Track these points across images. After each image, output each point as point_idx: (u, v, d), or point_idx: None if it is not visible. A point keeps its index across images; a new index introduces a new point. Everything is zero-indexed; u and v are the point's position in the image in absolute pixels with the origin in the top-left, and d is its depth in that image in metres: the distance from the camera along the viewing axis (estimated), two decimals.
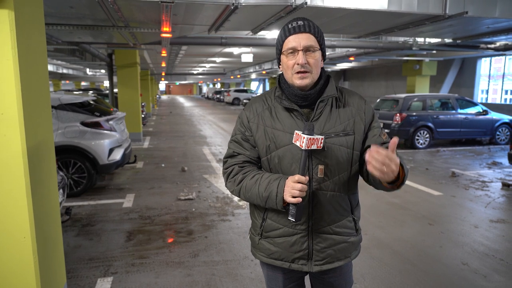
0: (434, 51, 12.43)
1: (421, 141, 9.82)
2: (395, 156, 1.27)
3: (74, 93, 8.43)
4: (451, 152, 9.40)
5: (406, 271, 3.30)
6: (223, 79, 39.46)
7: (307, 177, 1.38)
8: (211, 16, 5.91)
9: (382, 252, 3.66)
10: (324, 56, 1.51)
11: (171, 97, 62.87)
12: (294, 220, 1.38)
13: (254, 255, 1.66)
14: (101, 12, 5.57)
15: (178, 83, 70.03)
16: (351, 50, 12.18)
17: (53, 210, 2.51)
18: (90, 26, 6.61)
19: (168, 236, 4.05)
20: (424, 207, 5.05)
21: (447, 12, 5.40)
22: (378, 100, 11.23)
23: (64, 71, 21.97)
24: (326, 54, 1.59)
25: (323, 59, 1.50)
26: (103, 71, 23.00)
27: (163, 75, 29.91)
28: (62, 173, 4.19)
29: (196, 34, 8.31)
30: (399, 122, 9.64)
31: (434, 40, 10.33)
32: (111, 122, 5.87)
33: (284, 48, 1.45)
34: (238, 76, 32.94)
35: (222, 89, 44.73)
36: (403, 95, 10.22)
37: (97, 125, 5.66)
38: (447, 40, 9.65)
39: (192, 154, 9.06)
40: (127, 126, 7.02)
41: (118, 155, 5.81)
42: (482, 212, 4.86)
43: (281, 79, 1.54)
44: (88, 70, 23.56)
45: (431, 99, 10.18)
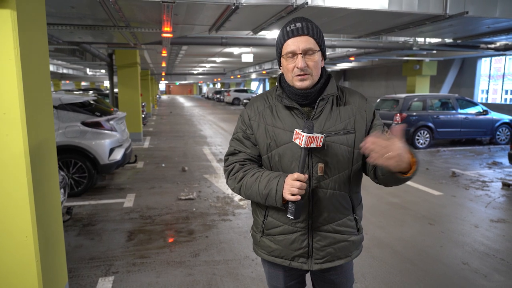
0: (434, 51, 12.43)
1: (421, 141, 9.82)
2: (398, 140, 1.25)
3: (74, 93, 8.44)
4: (451, 152, 9.41)
5: (406, 270, 3.31)
6: (223, 79, 39.46)
7: (306, 175, 1.39)
8: (212, 16, 5.92)
9: (382, 252, 3.67)
10: (324, 56, 1.51)
11: (171, 97, 62.88)
12: (293, 217, 1.40)
13: (256, 252, 1.68)
14: (102, 12, 5.58)
15: (178, 83, 70.05)
16: (352, 50, 12.18)
17: (54, 209, 2.51)
18: (90, 26, 6.62)
19: (169, 236, 4.05)
20: (424, 207, 5.06)
21: (448, 12, 5.41)
22: (378, 100, 11.22)
23: (64, 71, 21.98)
24: (327, 54, 1.59)
25: (323, 59, 1.51)
26: (103, 71, 23.02)
27: (163, 75, 29.91)
28: (63, 173, 4.20)
29: (196, 34, 8.32)
30: (399, 122, 9.63)
31: (434, 40, 10.33)
32: (111, 122, 5.87)
33: (284, 51, 1.46)
34: (238, 76, 32.93)
35: (222, 89, 44.71)
36: (403, 95, 10.22)
37: (97, 125, 5.67)
38: (448, 40, 9.66)
39: (192, 154, 9.06)
40: (127, 126, 7.03)
41: (118, 155, 5.82)
42: (482, 212, 4.87)
43: (281, 78, 1.55)
44: (88, 70, 23.57)
45: (431, 99, 10.18)
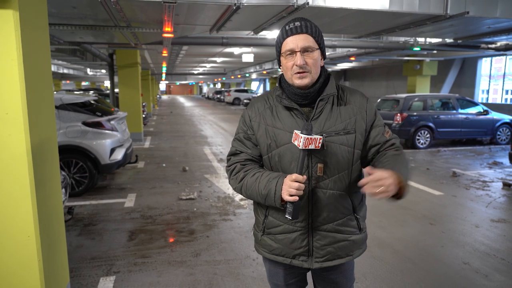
0: (435, 51, 12.43)
1: (421, 141, 9.82)
2: (386, 175, 1.29)
3: (75, 93, 8.45)
4: (452, 152, 9.40)
5: (407, 270, 3.31)
6: (223, 79, 39.48)
7: (305, 176, 1.40)
8: (213, 16, 5.92)
9: (383, 252, 3.67)
10: (323, 55, 1.51)
11: (172, 97, 62.89)
12: (291, 218, 1.40)
13: (257, 250, 1.70)
14: (103, 12, 5.59)
15: (178, 83, 70.08)
16: (352, 50, 12.19)
17: (56, 209, 2.52)
18: (92, 26, 6.63)
19: (169, 236, 4.06)
20: (425, 206, 5.06)
21: (448, 12, 5.42)
22: (378, 100, 11.23)
23: (65, 71, 22.01)
24: (327, 54, 1.60)
25: (322, 58, 1.51)
26: (104, 71, 23.04)
27: (163, 75, 29.93)
28: (64, 172, 4.21)
29: (197, 34, 8.33)
30: (400, 122, 9.64)
31: (435, 40, 10.33)
32: (112, 122, 5.88)
33: (283, 50, 1.47)
34: (239, 76, 32.94)
35: (223, 89, 44.71)
36: (404, 95, 10.22)
37: (98, 125, 5.67)
38: (448, 40, 9.66)
39: (193, 154, 9.07)
40: (128, 126, 7.03)
41: (119, 155, 5.82)
42: (483, 211, 4.87)
43: (282, 79, 1.56)
44: (89, 70, 23.60)
45: (431, 99, 10.18)
